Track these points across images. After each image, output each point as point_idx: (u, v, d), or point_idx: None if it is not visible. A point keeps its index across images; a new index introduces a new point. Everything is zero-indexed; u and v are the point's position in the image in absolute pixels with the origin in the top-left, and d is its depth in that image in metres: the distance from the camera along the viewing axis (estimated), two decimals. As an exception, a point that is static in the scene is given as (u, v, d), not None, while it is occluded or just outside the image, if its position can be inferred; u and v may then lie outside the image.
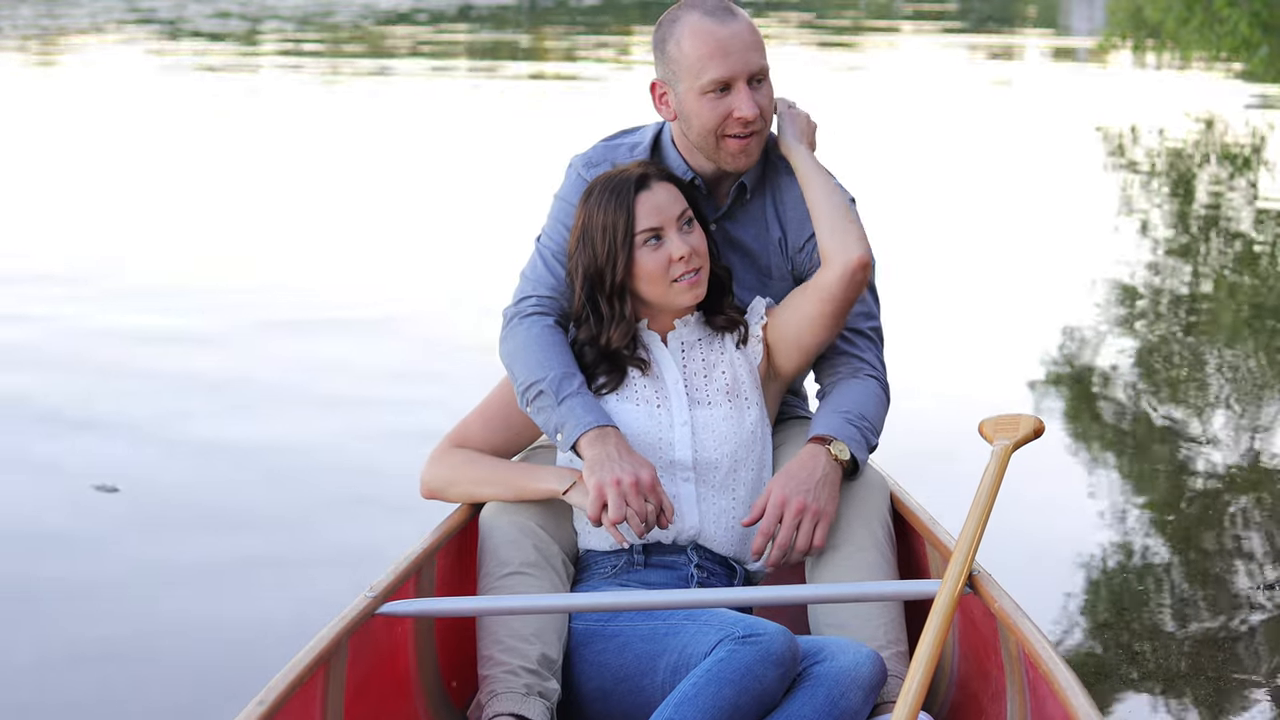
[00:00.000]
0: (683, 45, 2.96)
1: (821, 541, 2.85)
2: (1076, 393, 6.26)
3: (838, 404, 3.00)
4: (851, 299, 2.95)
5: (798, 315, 2.99)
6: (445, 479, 3.03)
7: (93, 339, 6.89)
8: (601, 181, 2.97)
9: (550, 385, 2.91)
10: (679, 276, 2.92)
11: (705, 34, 2.94)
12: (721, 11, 2.96)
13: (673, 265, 2.91)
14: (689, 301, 2.96)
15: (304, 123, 14.23)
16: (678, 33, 2.97)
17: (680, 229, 2.92)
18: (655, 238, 2.91)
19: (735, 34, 2.94)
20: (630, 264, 2.92)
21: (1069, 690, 2.35)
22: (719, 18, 2.94)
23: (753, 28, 2.97)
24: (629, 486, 2.78)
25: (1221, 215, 10.07)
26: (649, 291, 2.95)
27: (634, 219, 2.91)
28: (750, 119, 2.95)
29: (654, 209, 2.92)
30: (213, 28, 24.73)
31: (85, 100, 15.66)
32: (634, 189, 2.92)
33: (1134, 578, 4.44)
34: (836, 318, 2.97)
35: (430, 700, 2.89)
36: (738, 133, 2.96)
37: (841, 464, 2.91)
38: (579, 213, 2.99)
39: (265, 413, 5.96)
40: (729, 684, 2.56)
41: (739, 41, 2.94)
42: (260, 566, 4.49)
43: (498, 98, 15.99)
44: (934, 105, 15.51)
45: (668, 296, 2.95)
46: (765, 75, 2.98)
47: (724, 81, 2.94)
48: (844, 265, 2.91)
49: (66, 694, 3.77)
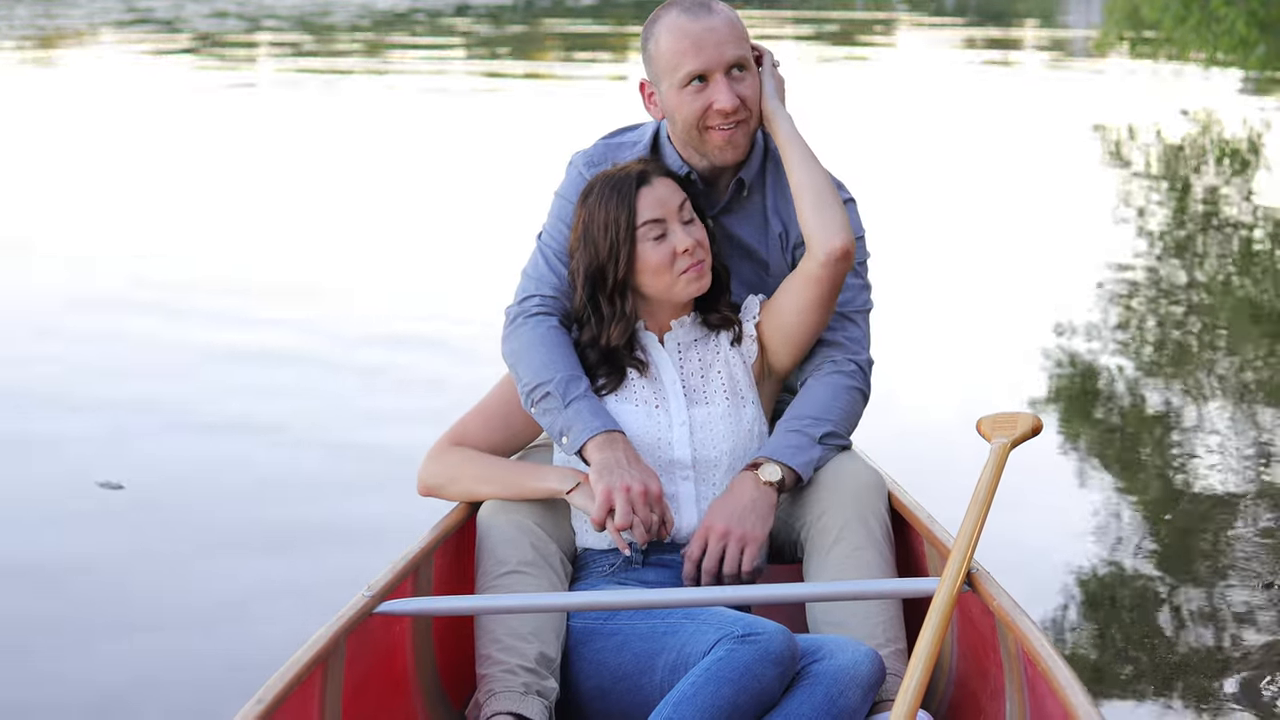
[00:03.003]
0: (660, 43, 2.99)
1: (749, 565, 2.86)
2: (1075, 391, 6.26)
3: (789, 415, 3.01)
4: (837, 284, 2.95)
5: (786, 307, 2.99)
6: (444, 476, 3.03)
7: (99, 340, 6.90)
8: (601, 179, 2.97)
9: (557, 387, 2.91)
10: (685, 269, 2.92)
11: (680, 30, 2.96)
12: (698, 8, 2.98)
13: (678, 258, 2.92)
14: (694, 293, 2.96)
15: (302, 123, 14.22)
16: (657, 31, 3.01)
17: (682, 221, 2.93)
18: (659, 230, 2.91)
19: (710, 28, 2.96)
20: (633, 259, 2.92)
21: (1068, 688, 2.35)
22: (694, 14, 2.97)
23: (730, 21, 2.99)
24: (638, 495, 2.79)
25: (1219, 213, 10.07)
26: (653, 285, 2.95)
27: (636, 212, 2.91)
28: (729, 110, 2.96)
29: (656, 201, 2.93)
30: (210, 27, 24.71)
31: (80, 101, 15.65)
32: (635, 184, 2.93)
33: (1132, 576, 4.44)
34: (823, 304, 2.97)
35: (428, 699, 2.89)
36: (719, 124, 2.98)
37: (772, 485, 2.90)
38: (578, 212, 2.99)
39: (269, 411, 5.96)
40: (728, 683, 2.56)
41: (713, 35, 2.96)
42: (268, 565, 4.50)
43: (494, 96, 15.98)
44: (930, 104, 15.51)
45: (672, 290, 2.95)
46: (746, 65, 2.99)
47: (699, 74, 2.96)
48: (826, 253, 2.92)
49: (68, 693, 3.77)
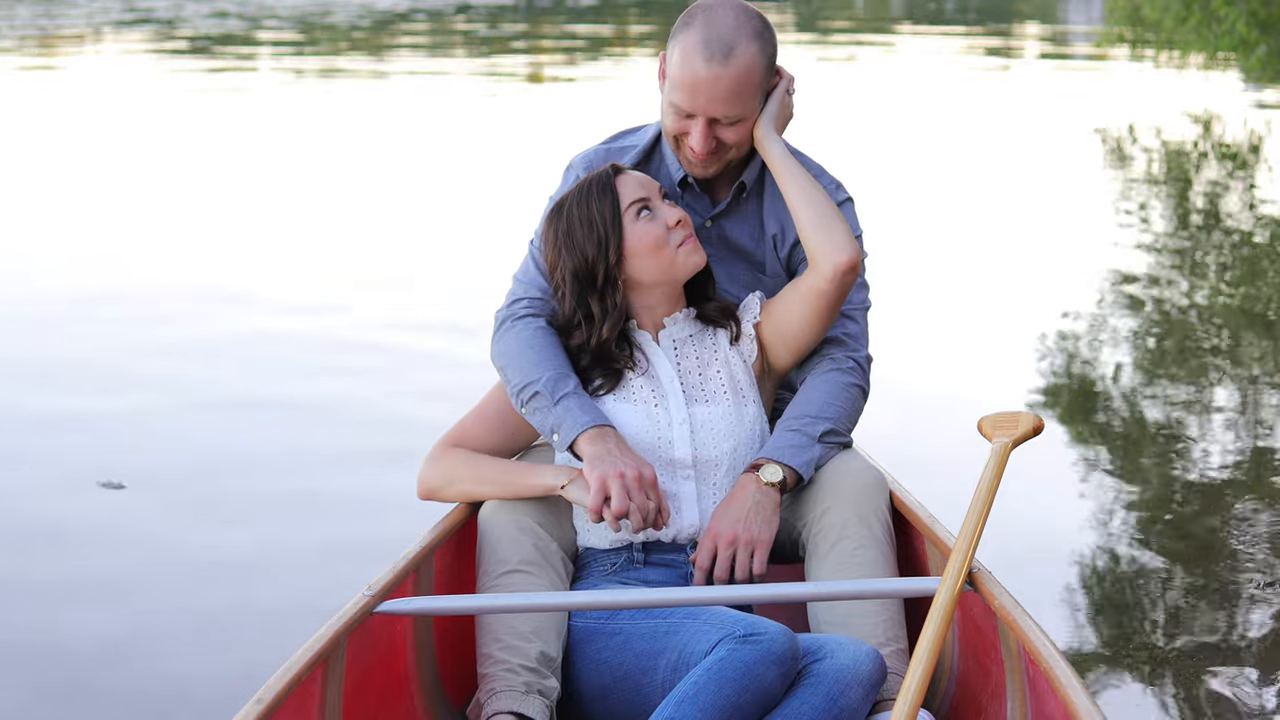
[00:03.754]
0: (673, 57, 2.96)
1: (760, 568, 2.85)
2: (1075, 390, 6.26)
3: (789, 414, 3.01)
4: (844, 297, 2.96)
5: (789, 315, 3.00)
6: (442, 478, 3.03)
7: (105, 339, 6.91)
8: (573, 191, 2.98)
9: (545, 386, 2.90)
10: (681, 241, 2.93)
11: (688, 64, 2.91)
12: (717, 50, 2.90)
13: (671, 232, 2.92)
14: (694, 265, 2.95)
15: (301, 123, 14.22)
16: (680, 40, 2.95)
17: (664, 201, 2.96)
18: (645, 207, 2.92)
19: (714, 79, 2.90)
20: (622, 247, 2.92)
21: (1069, 687, 2.35)
22: (709, 55, 2.90)
23: (740, 75, 2.91)
24: (633, 480, 2.78)
25: (1220, 214, 10.07)
26: (650, 268, 2.94)
27: (619, 196, 2.93)
28: (698, 155, 2.97)
29: (637, 183, 2.96)
30: (210, 28, 24.72)
31: (77, 102, 15.65)
32: (610, 176, 2.96)
33: (1133, 574, 4.44)
34: (827, 316, 2.98)
35: (429, 699, 2.89)
36: (691, 152, 2.99)
37: (774, 486, 2.90)
38: (549, 230, 2.99)
39: (274, 409, 5.96)
40: (730, 683, 2.55)
41: (711, 89, 2.90)
42: (271, 564, 4.50)
43: (493, 98, 15.98)
44: (930, 104, 15.51)
45: (673, 266, 2.94)
46: (737, 119, 2.95)
47: (686, 112, 2.95)
48: (833, 268, 2.92)
49: (68, 693, 3.77)
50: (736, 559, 2.85)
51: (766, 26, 2.96)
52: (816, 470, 2.96)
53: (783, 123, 3.04)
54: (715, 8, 2.94)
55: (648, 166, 3.13)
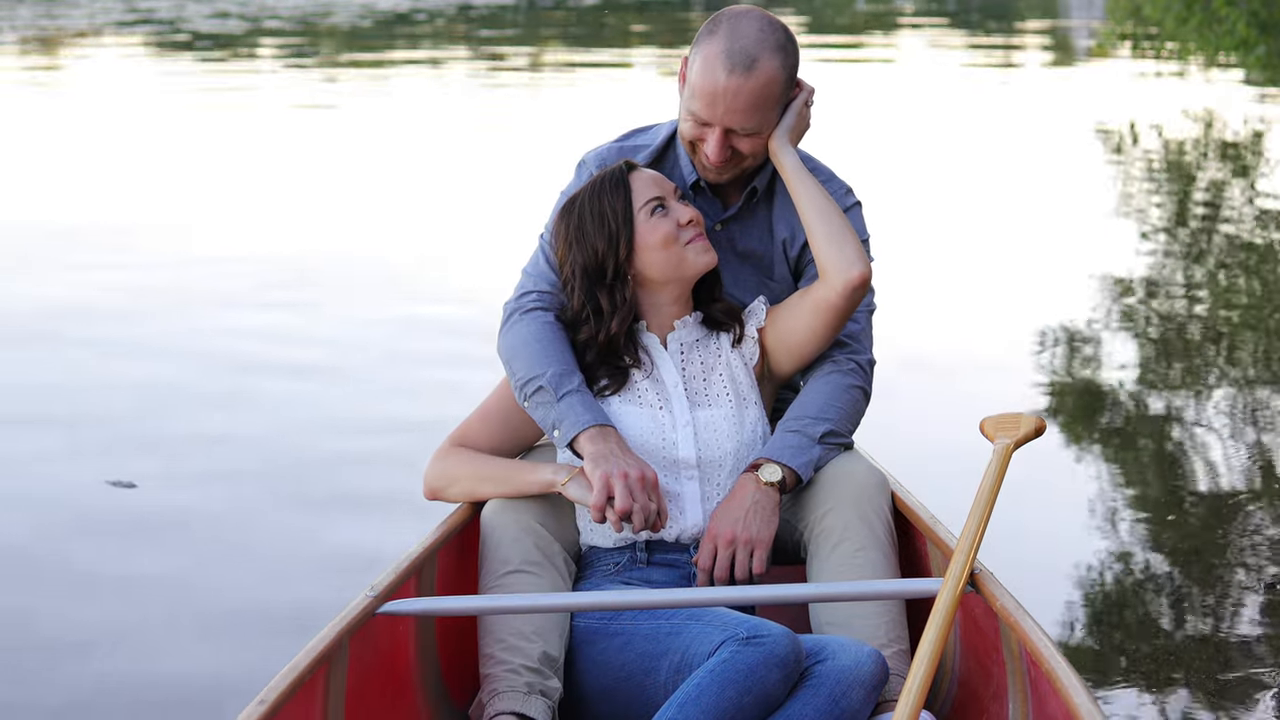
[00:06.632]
0: (694, 65, 2.95)
1: (760, 567, 2.85)
2: (1077, 391, 6.26)
3: (790, 415, 3.01)
4: (850, 312, 2.96)
5: (795, 324, 3.00)
6: (445, 478, 3.03)
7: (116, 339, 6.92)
8: (586, 186, 2.98)
9: (549, 381, 2.90)
10: (691, 239, 2.93)
11: (709, 73, 2.90)
12: (739, 61, 2.89)
13: (682, 230, 2.93)
14: (705, 264, 2.96)
15: (302, 124, 14.23)
16: (703, 47, 2.94)
17: (679, 200, 2.96)
18: (660, 206, 2.93)
19: (734, 91, 2.89)
20: (633, 243, 2.92)
21: (1071, 688, 2.35)
22: (730, 65, 2.89)
23: (759, 87, 2.90)
24: (635, 480, 2.78)
25: (1221, 214, 10.07)
26: (660, 265, 2.94)
27: (633, 192, 2.93)
28: (713, 160, 2.96)
29: (651, 181, 2.96)
30: (212, 28, 24.71)
31: (77, 102, 15.65)
32: (624, 173, 2.97)
33: (1135, 576, 4.44)
34: (834, 328, 2.98)
35: (431, 699, 2.89)
36: (705, 158, 2.99)
37: (773, 485, 2.90)
38: (560, 224, 2.99)
39: (274, 409, 5.96)
40: (732, 685, 2.56)
41: (730, 101, 2.90)
42: (274, 563, 4.50)
43: (495, 97, 15.98)
44: (932, 103, 15.51)
45: (683, 263, 2.95)
46: (754, 131, 2.95)
47: (703, 120, 2.95)
48: (844, 283, 2.92)
49: (70, 691, 3.77)
50: (736, 559, 2.85)
51: (790, 39, 2.96)
52: (816, 471, 2.96)
53: (799, 135, 3.04)
54: (740, 17, 2.94)
55: (661, 166, 3.13)
